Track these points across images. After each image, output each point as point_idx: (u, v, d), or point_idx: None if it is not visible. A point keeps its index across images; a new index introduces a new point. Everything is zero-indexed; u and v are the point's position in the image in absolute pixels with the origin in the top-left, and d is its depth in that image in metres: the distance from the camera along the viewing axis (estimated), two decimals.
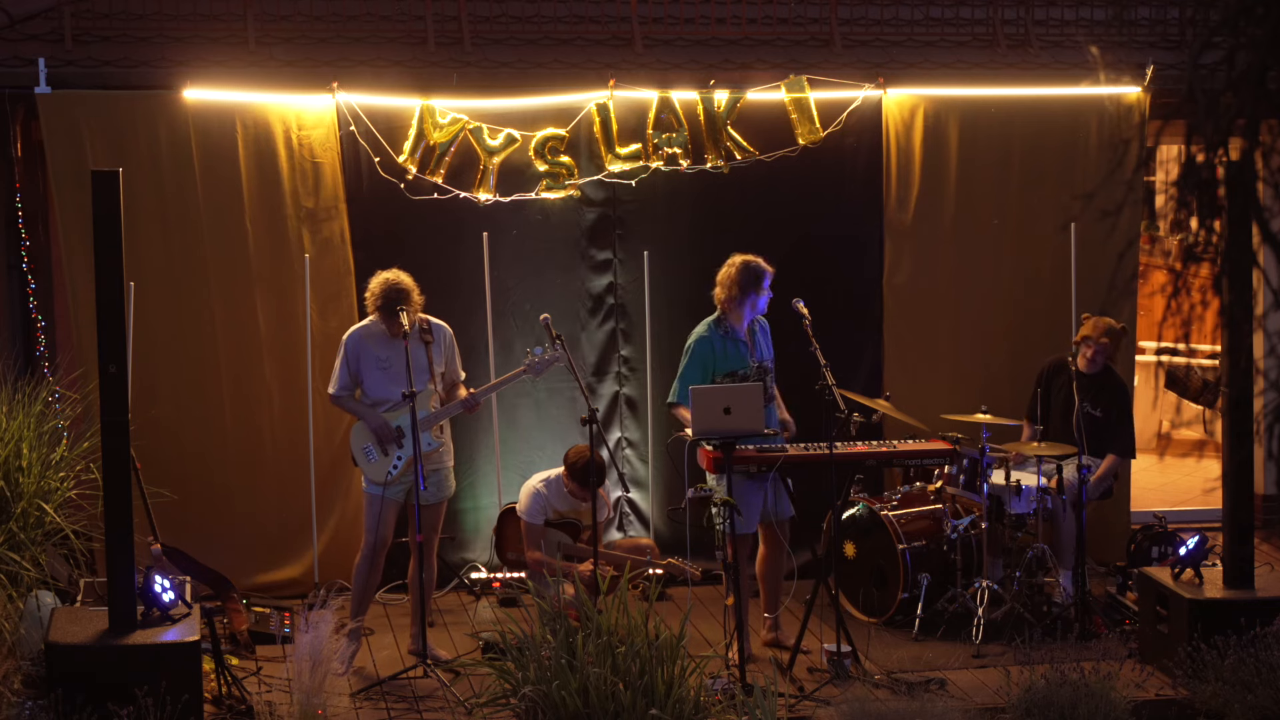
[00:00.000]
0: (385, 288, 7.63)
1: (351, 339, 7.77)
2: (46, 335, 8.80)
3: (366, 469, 7.73)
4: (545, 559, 8.33)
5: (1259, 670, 6.75)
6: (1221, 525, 7.99)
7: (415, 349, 7.63)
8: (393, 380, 7.60)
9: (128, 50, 8.76)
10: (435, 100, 8.87)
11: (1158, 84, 9.32)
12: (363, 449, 7.73)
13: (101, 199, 6.76)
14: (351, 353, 7.74)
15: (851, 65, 9.30)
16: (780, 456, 7.59)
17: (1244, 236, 4.20)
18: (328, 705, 6.79)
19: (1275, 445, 4.10)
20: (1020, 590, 8.28)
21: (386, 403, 7.66)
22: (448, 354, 7.83)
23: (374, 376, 7.69)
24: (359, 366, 7.72)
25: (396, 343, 7.59)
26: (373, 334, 7.73)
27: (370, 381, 7.70)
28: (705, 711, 6.37)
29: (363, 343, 7.73)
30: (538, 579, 8.14)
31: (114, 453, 6.80)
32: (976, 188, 9.45)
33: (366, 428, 7.70)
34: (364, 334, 7.76)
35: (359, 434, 7.76)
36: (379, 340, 7.70)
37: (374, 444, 7.70)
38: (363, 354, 7.71)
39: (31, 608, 7.31)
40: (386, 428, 7.64)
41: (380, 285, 7.66)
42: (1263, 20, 4.02)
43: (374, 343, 7.71)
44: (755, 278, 7.78)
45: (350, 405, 7.79)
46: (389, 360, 7.64)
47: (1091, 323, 8.60)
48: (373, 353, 7.69)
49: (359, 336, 7.76)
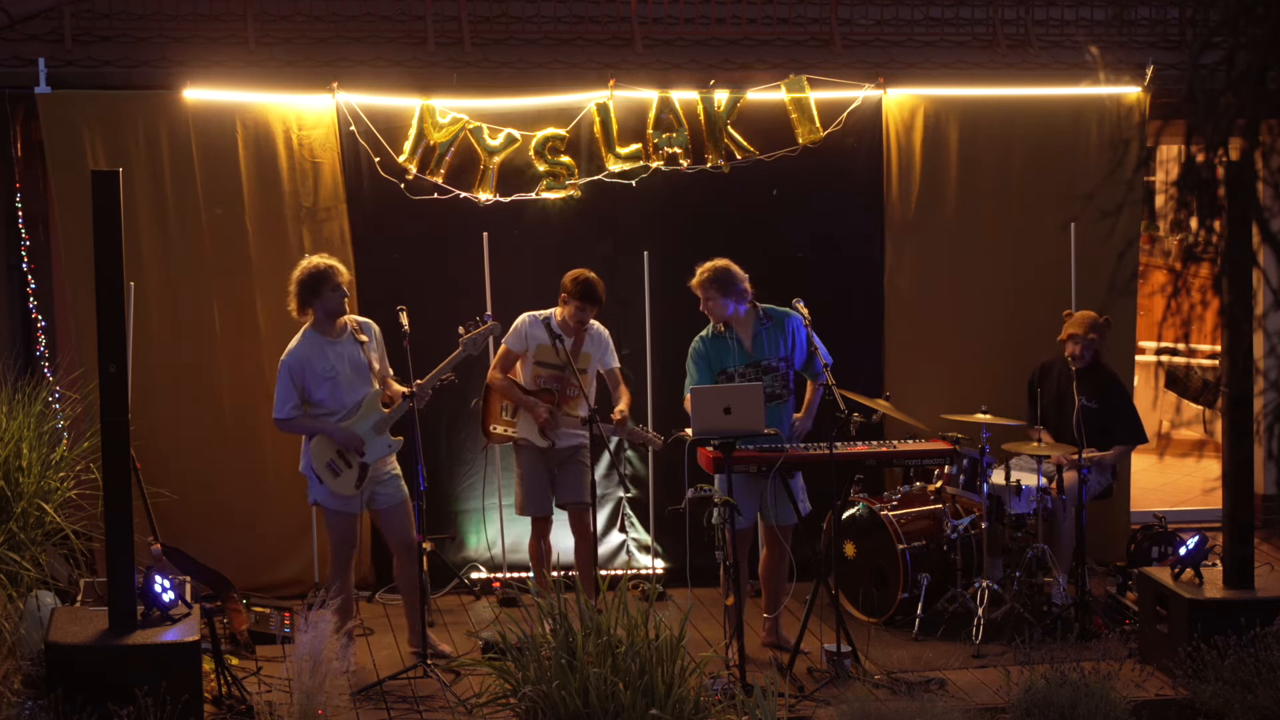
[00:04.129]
0: (302, 278, 7.51)
1: (291, 359, 7.55)
2: (46, 335, 8.80)
3: (333, 484, 7.58)
4: (506, 382, 8.15)
5: (1259, 670, 6.75)
6: (1221, 525, 7.99)
7: (352, 350, 7.56)
8: (340, 387, 7.52)
9: (128, 50, 8.77)
10: (435, 100, 8.87)
11: (1158, 84, 9.32)
12: (327, 464, 7.58)
13: (101, 199, 6.75)
14: (296, 376, 7.53)
15: (851, 65, 9.31)
16: (780, 456, 7.59)
17: (1244, 236, 4.20)
18: (328, 705, 6.79)
19: (1275, 445, 4.10)
20: (1020, 590, 8.28)
21: (340, 410, 7.56)
22: (380, 350, 7.73)
23: (322, 389, 7.55)
24: (305, 384, 7.55)
25: (334, 349, 7.51)
26: (311, 348, 7.55)
27: (321, 394, 7.55)
28: (705, 711, 6.37)
29: (304, 361, 7.54)
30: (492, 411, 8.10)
31: (114, 453, 6.80)
32: (976, 188, 9.46)
33: (330, 441, 7.56)
34: (302, 352, 7.56)
35: (320, 450, 7.59)
36: (317, 354, 7.54)
37: (336, 457, 7.58)
38: (307, 373, 7.54)
39: (31, 608, 7.31)
40: (353, 437, 7.53)
41: (296, 279, 7.55)
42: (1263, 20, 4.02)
43: (313, 359, 7.54)
44: (703, 282, 7.79)
45: (303, 425, 7.60)
46: (332, 369, 7.53)
47: (1073, 320, 8.60)
48: (315, 367, 7.54)
49: (298, 355, 7.55)
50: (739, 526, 7.57)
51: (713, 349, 7.84)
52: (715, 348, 7.84)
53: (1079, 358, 8.52)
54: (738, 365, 7.80)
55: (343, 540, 7.68)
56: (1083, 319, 8.55)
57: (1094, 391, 8.57)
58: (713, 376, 7.79)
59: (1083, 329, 8.51)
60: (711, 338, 7.86)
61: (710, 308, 7.81)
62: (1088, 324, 8.52)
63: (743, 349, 7.83)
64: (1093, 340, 8.51)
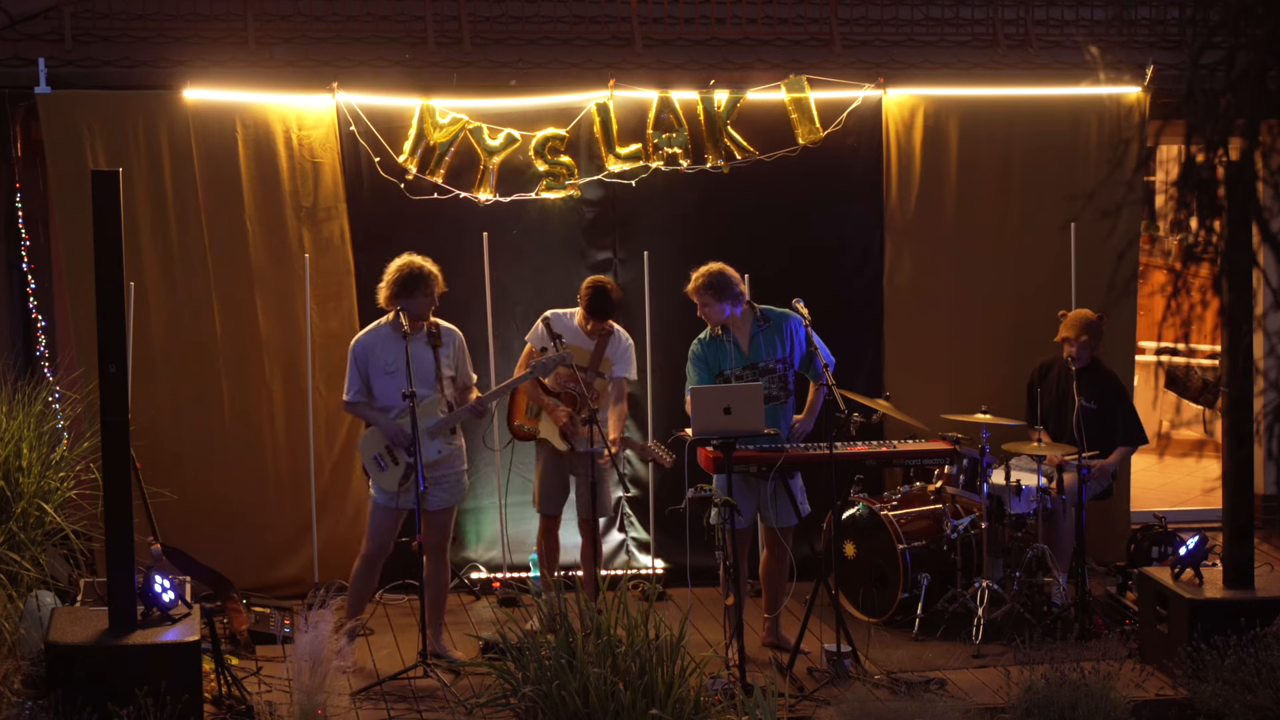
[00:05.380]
0: (400, 274, 7.61)
1: (358, 346, 7.74)
2: (46, 335, 8.80)
3: (378, 478, 7.69)
4: (531, 381, 8.13)
5: (1259, 670, 6.75)
6: (1221, 525, 7.99)
7: (422, 351, 7.61)
8: (400, 385, 7.57)
9: (128, 50, 8.77)
10: (435, 100, 8.87)
11: (1158, 84, 9.32)
12: (373, 457, 7.68)
13: (101, 199, 6.75)
14: (360, 359, 7.69)
15: (851, 65, 9.31)
16: (780, 456, 7.59)
17: (1244, 236, 4.20)
18: (328, 705, 6.79)
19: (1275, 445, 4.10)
20: (1020, 590, 8.28)
21: (394, 408, 7.63)
22: (458, 358, 7.78)
23: (382, 382, 7.65)
24: (368, 372, 7.69)
25: (402, 346, 7.55)
26: (378, 339, 7.70)
27: (379, 388, 7.67)
28: (705, 711, 6.37)
29: (368, 349, 7.70)
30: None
31: (114, 453, 6.80)
32: (976, 187, 9.46)
33: (380, 434, 7.66)
34: (369, 340, 7.73)
35: (370, 442, 7.71)
36: (385, 345, 7.66)
37: (384, 452, 7.65)
38: (370, 360, 7.68)
39: (31, 608, 7.31)
40: (402, 434, 7.58)
41: (395, 271, 7.64)
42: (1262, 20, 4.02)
43: (379, 348, 7.66)
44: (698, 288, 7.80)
45: (365, 412, 7.74)
46: (395, 365, 7.59)
47: (1066, 322, 8.59)
48: (379, 358, 7.65)
49: (365, 343, 7.73)
50: (739, 526, 7.57)
51: (710, 352, 7.84)
52: (713, 350, 7.84)
53: (1077, 358, 8.52)
54: (735, 368, 7.80)
55: (375, 535, 7.71)
56: (1074, 321, 8.54)
57: (1094, 392, 8.57)
58: (711, 379, 7.79)
59: (1074, 331, 8.50)
60: (709, 340, 7.87)
61: (706, 313, 7.81)
62: (1079, 326, 8.50)
63: (740, 351, 7.82)
64: (1086, 341, 8.51)
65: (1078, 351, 8.51)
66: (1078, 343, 8.50)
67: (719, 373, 7.81)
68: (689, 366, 7.90)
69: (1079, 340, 8.49)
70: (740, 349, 7.83)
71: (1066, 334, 8.54)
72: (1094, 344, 8.56)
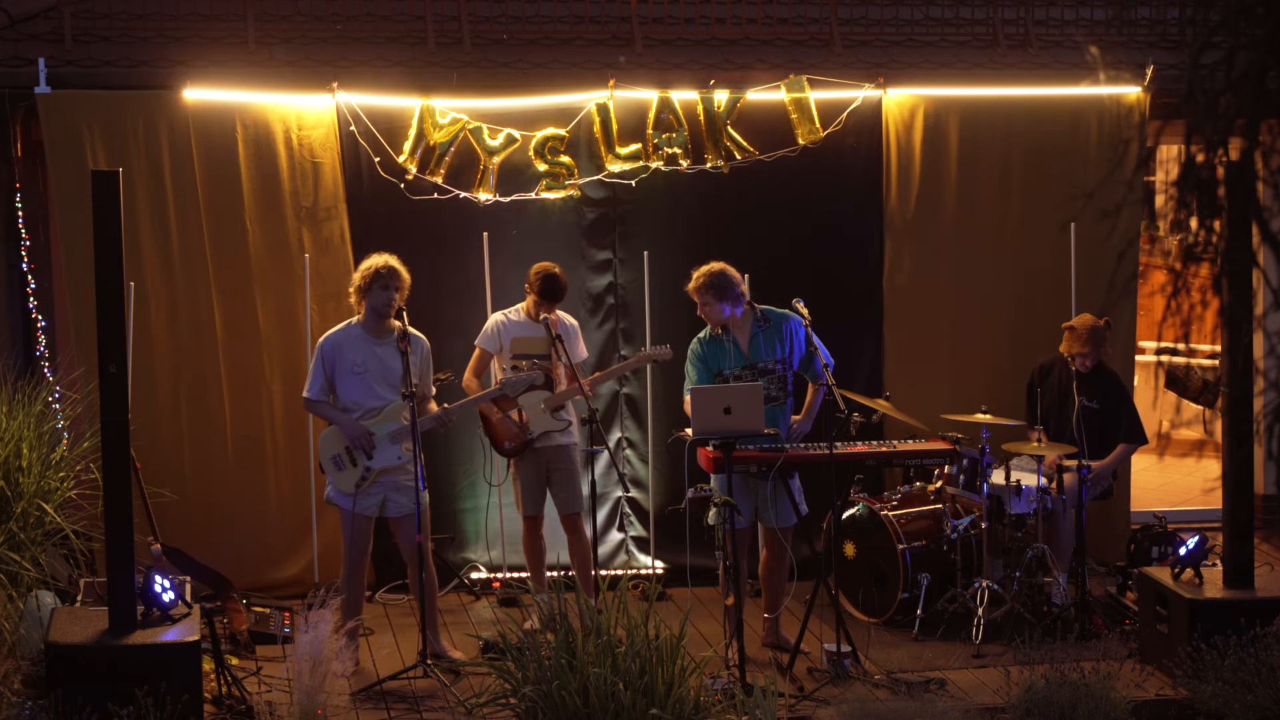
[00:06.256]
0: (363, 272, 7.60)
1: (327, 343, 7.69)
2: (46, 335, 8.80)
3: (336, 477, 7.65)
4: (478, 389, 8.17)
5: (1259, 670, 6.75)
6: (1221, 525, 7.99)
7: (391, 355, 7.59)
8: (367, 386, 7.56)
9: (128, 50, 8.77)
10: (435, 100, 8.87)
11: (1158, 84, 9.32)
12: (332, 457, 7.64)
13: (101, 199, 6.75)
14: (328, 357, 7.64)
15: (851, 65, 9.31)
16: (779, 456, 7.59)
17: (1244, 236, 4.20)
18: (328, 705, 6.79)
19: (1275, 445, 4.10)
20: (1020, 590, 8.28)
21: (359, 409, 7.60)
22: (423, 367, 7.74)
23: (348, 382, 7.62)
24: (334, 371, 7.64)
25: (373, 348, 7.55)
26: (348, 338, 7.65)
27: (344, 387, 7.63)
28: (705, 711, 6.37)
29: (338, 348, 7.64)
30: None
31: (114, 453, 6.80)
32: (976, 187, 9.45)
33: (341, 434, 7.61)
34: (339, 339, 7.67)
35: (329, 441, 7.67)
36: (354, 344, 7.62)
37: (343, 452, 7.61)
38: (338, 359, 7.63)
39: (31, 608, 7.31)
40: (364, 435, 7.56)
41: (361, 269, 7.64)
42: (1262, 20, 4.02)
43: (349, 347, 7.63)
44: (699, 287, 7.81)
45: (325, 411, 7.70)
46: (364, 365, 7.58)
47: (1076, 336, 8.54)
48: (348, 358, 7.61)
49: (334, 341, 7.67)
50: (738, 526, 7.57)
51: (709, 351, 7.84)
52: (712, 350, 7.84)
53: (1085, 365, 8.51)
54: (734, 368, 7.80)
55: (352, 540, 7.69)
56: (1082, 333, 8.51)
57: (1095, 392, 8.57)
58: (710, 378, 7.79)
59: (1081, 344, 8.49)
60: (708, 340, 7.87)
61: (706, 312, 7.81)
62: (1085, 337, 8.49)
63: (739, 351, 7.82)
64: (1089, 351, 8.51)
65: (1084, 361, 8.51)
66: (1082, 355, 8.50)
67: (718, 372, 7.81)
68: (688, 366, 7.90)
69: (1082, 351, 8.50)
70: (740, 349, 7.83)
71: (1076, 350, 8.50)
72: (1098, 349, 8.57)
